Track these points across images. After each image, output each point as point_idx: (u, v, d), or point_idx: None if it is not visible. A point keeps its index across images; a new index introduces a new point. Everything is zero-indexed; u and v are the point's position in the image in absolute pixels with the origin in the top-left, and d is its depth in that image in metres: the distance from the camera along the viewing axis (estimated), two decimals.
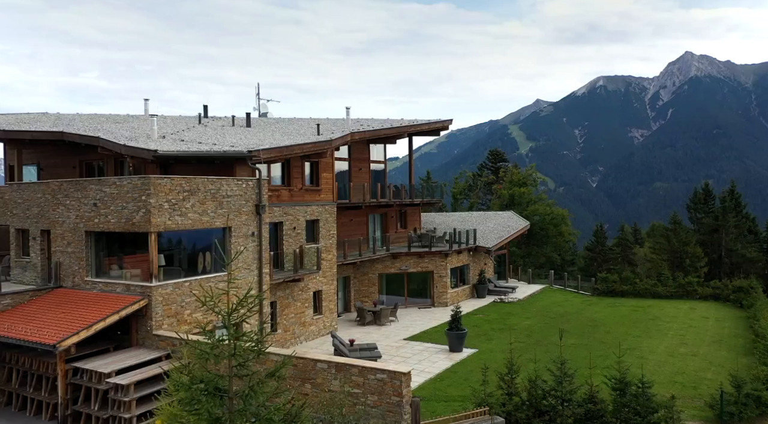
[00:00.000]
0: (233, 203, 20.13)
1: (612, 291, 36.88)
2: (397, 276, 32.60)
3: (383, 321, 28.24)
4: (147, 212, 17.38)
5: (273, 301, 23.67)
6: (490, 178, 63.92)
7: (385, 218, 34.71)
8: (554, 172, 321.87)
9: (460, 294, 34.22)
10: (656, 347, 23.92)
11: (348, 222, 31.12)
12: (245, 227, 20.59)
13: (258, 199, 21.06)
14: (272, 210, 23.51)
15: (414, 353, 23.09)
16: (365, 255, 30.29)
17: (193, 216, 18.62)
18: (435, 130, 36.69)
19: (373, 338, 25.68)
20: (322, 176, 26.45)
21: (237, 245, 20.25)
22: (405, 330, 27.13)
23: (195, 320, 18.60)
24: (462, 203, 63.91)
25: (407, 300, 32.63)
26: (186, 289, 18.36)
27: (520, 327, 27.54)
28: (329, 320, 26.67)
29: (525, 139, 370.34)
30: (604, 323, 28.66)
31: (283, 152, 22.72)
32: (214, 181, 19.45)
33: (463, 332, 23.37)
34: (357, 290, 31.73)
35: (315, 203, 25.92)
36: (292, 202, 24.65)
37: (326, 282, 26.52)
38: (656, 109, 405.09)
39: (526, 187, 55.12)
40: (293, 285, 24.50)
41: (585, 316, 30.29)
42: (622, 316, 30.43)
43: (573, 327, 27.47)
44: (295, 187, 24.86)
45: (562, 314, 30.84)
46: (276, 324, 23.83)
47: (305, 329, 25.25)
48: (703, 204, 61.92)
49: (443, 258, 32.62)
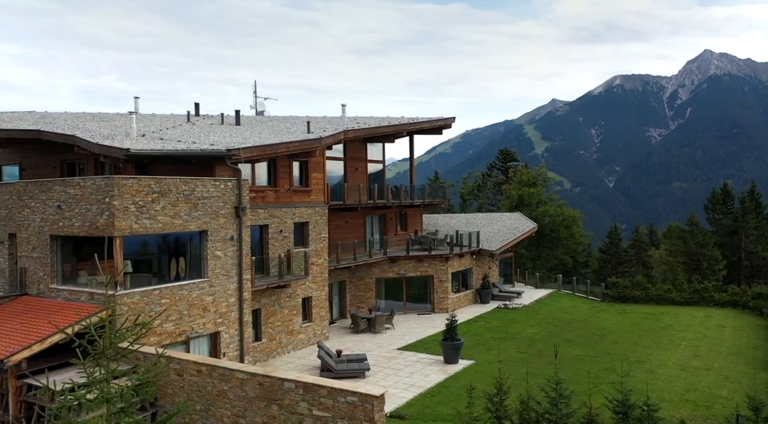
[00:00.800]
0: (210, 205, 18.87)
1: (623, 297, 35.07)
2: (395, 281, 31.19)
3: (378, 329, 26.84)
4: (111, 215, 16.17)
5: (257, 308, 22.39)
6: (500, 179, 62.20)
7: (384, 219, 33.29)
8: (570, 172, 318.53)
9: (462, 300, 32.70)
10: (667, 360, 22.24)
11: (343, 224, 29.76)
12: (223, 231, 19.31)
13: (238, 200, 19.78)
14: (256, 212, 22.24)
15: (406, 365, 21.67)
16: (361, 259, 28.91)
17: (164, 219, 17.37)
18: (437, 129, 35.18)
19: (366, 347, 24.30)
20: (312, 176, 25.12)
21: (214, 249, 19.00)
22: (400, 339, 25.70)
23: (166, 331, 17.37)
24: (471, 204, 62.27)
25: (406, 306, 31.20)
26: (156, 297, 17.13)
27: (522, 336, 25.98)
28: (320, 328, 25.32)
29: (540, 139, 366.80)
30: (613, 331, 26.98)
31: (267, 151, 21.41)
32: (188, 181, 18.20)
33: (458, 342, 21.90)
34: (353, 295, 30.36)
35: (304, 205, 24.60)
36: (278, 203, 23.34)
37: (317, 288, 25.18)
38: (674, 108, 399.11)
39: (536, 187, 53.32)
40: (279, 291, 23.20)
41: (592, 324, 28.63)
42: (632, 324, 28.72)
43: (578, 336, 25.85)
44: (282, 188, 23.55)
45: (569, 321, 29.20)
46: (260, 333, 22.53)
47: (293, 338, 23.94)
48: (722, 205, 59.77)
49: (444, 262, 31.13)
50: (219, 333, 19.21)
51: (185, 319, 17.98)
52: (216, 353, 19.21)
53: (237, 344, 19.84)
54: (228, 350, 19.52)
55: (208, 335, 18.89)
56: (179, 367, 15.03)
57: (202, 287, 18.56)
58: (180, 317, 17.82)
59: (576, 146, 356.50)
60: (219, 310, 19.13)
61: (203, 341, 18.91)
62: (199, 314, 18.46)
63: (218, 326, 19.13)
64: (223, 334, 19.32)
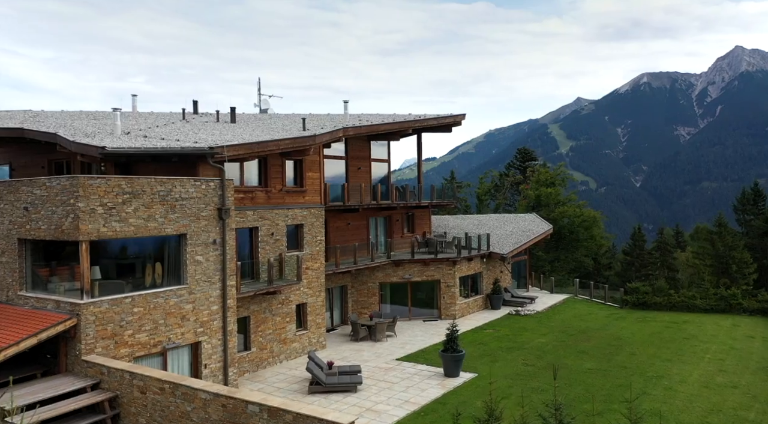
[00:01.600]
0: (189, 207, 17.64)
1: (643, 303, 32.99)
2: (400, 285, 29.73)
3: (379, 337, 25.42)
4: (76, 218, 15.02)
5: (246, 316, 21.15)
6: (518, 178, 60.25)
7: (390, 221, 31.85)
8: (596, 171, 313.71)
9: (471, 305, 31.10)
10: (688, 375, 20.39)
11: (344, 226, 28.41)
12: (205, 234, 18.08)
13: (221, 202, 18.53)
14: (244, 214, 21.00)
15: (403, 378, 20.20)
16: (362, 262, 27.51)
17: (137, 222, 16.18)
18: (446, 126, 33.58)
19: (363, 356, 22.91)
20: (307, 176, 23.80)
21: (194, 254, 17.77)
22: (401, 348, 24.25)
23: (139, 341, 16.19)
24: (488, 205, 60.47)
25: (411, 312, 29.71)
26: (127, 306, 15.94)
27: (531, 346, 24.32)
28: (316, 336, 24.00)
29: (565, 138, 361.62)
30: (630, 342, 25.13)
31: (254, 149, 20.14)
32: (164, 181, 16.99)
33: (459, 354, 20.36)
34: (355, 300, 28.98)
35: (298, 206, 23.29)
36: (269, 205, 22.07)
37: (312, 294, 23.86)
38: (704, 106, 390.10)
39: (555, 187, 51.30)
40: (271, 298, 21.93)
41: (609, 333, 26.78)
42: (651, 334, 26.79)
43: (593, 347, 24.09)
44: (273, 189, 22.28)
45: (583, 330, 27.39)
46: (249, 342, 21.28)
47: (286, 347, 22.64)
48: (753, 205, 57.06)
49: (451, 266, 29.56)
50: (200, 343, 17.98)
51: (161, 329, 16.78)
52: (197, 364, 17.99)
53: (220, 355, 18.59)
54: (210, 361, 18.29)
55: (187, 345, 17.68)
56: (142, 383, 13.84)
57: (180, 294, 17.35)
58: (155, 326, 16.62)
59: (601, 145, 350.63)
60: (200, 318, 17.91)
61: (182, 352, 17.69)
62: (177, 323, 17.24)
63: (199, 336, 17.90)
64: (204, 344, 18.08)
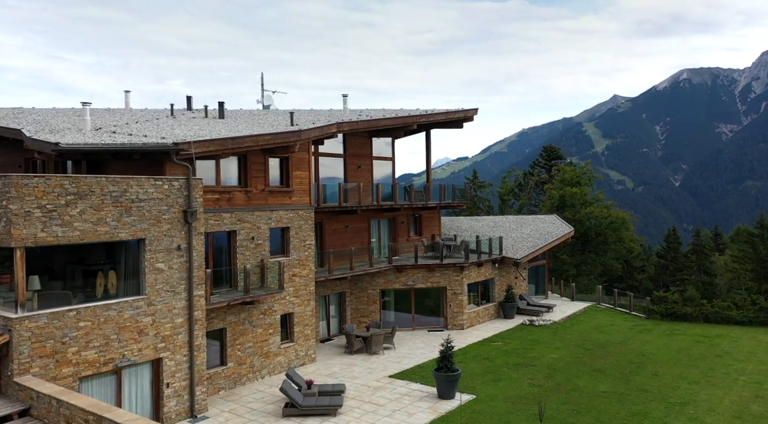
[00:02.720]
0: (148, 209, 15.94)
1: (672, 314, 30.09)
2: (403, 292, 27.65)
3: (375, 349, 23.40)
4: (8, 222, 13.42)
5: (221, 328, 19.37)
6: (543, 177, 57.40)
7: (394, 223, 29.78)
8: (633, 170, 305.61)
9: (481, 314, 28.78)
10: (719, 402, 17.79)
11: (342, 229, 26.47)
12: (167, 239, 16.35)
13: (187, 203, 16.79)
14: (220, 217, 19.24)
15: (392, 399, 18.13)
16: (359, 268, 25.51)
17: (84, 226, 14.52)
18: (456, 122, 31.37)
19: (354, 372, 20.93)
20: (294, 175, 21.93)
21: (155, 261, 16.06)
22: (397, 362, 22.17)
23: (86, 359, 14.52)
24: (511, 205, 57.83)
25: (415, 321, 27.58)
26: (71, 320, 14.29)
27: (542, 362, 21.95)
28: (304, 349, 22.10)
29: (601, 137, 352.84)
30: (654, 359, 22.51)
31: (228, 145, 18.35)
32: (117, 181, 15.31)
33: (454, 373, 18.20)
34: (354, 308, 27.01)
35: (283, 208, 21.43)
36: (250, 206, 20.26)
37: (300, 303, 21.97)
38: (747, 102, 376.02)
39: (580, 186, 48.40)
40: (251, 308, 20.12)
41: (630, 348, 24.17)
42: (679, 350, 24.07)
43: (610, 365, 21.59)
44: (254, 189, 20.46)
45: (602, 344, 24.82)
46: (225, 356, 19.49)
47: (269, 361, 20.80)
48: None
49: (458, 271, 27.33)
50: (161, 360, 16.27)
51: (113, 344, 15.09)
52: (158, 384, 16.28)
53: (186, 373, 16.84)
54: (174, 379, 16.55)
55: (146, 362, 15.97)
56: (68, 413, 12.10)
57: (137, 306, 15.64)
58: (106, 342, 14.94)
59: (639, 144, 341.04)
60: (161, 333, 16.18)
61: (141, 370, 15.98)
62: (134, 338, 15.54)
63: (160, 352, 16.17)
64: (166, 361, 16.35)
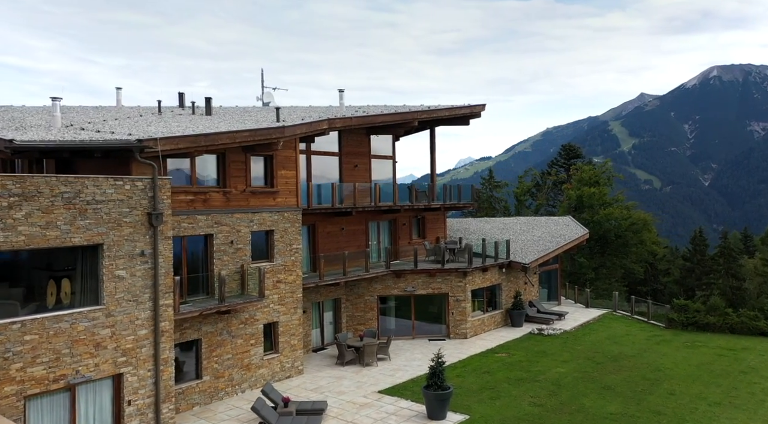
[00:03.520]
0: (107, 212, 14.68)
1: (693, 323, 27.94)
2: (403, 299, 26.09)
3: (368, 360, 21.90)
4: None
5: (196, 339, 18.07)
6: (561, 177, 55.25)
7: (395, 225, 28.24)
8: (660, 170, 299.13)
9: (486, 322, 27.07)
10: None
11: (337, 232, 25.03)
12: (129, 244, 15.08)
13: (152, 205, 15.51)
14: (194, 219, 17.94)
15: (377, 419, 16.63)
16: (354, 273, 24.04)
17: (30, 230, 13.31)
18: (462, 118, 29.69)
19: (342, 386, 19.46)
20: (278, 175, 20.54)
21: (114, 268, 14.80)
22: (390, 375, 20.64)
23: (32, 376, 13.29)
24: (528, 205, 55.81)
25: (415, 330, 26.00)
26: (15, 333, 13.08)
27: (547, 377, 20.20)
28: (290, 360, 20.70)
29: (627, 136, 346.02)
30: (671, 375, 20.60)
31: (200, 142, 17.04)
32: (71, 181, 14.07)
33: (445, 391, 16.62)
34: (350, 315, 25.54)
35: (267, 209, 20.05)
36: (228, 208, 18.93)
37: (285, 311, 20.57)
38: None
39: (599, 186, 46.23)
40: (229, 317, 18.78)
41: (645, 362, 22.25)
42: (699, 364, 22.07)
43: (622, 381, 19.75)
44: (234, 189, 19.12)
45: (615, 356, 22.93)
46: (201, 369, 18.17)
47: (250, 374, 19.43)
48: None
49: (461, 277, 25.67)
50: (122, 376, 15.00)
51: (65, 360, 13.86)
52: (119, 401, 15.01)
53: (150, 389, 15.54)
54: (137, 397, 15.26)
55: (105, 378, 14.71)
56: None
57: (93, 317, 14.39)
58: (57, 357, 13.70)
59: (667, 142, 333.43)
60: (122, 346, 14.91)
61: (99, 386, 14.72)
62: (89, 352, 14.29)
63: (120, 367, 14.90)
64: (128, 376, 15.07)
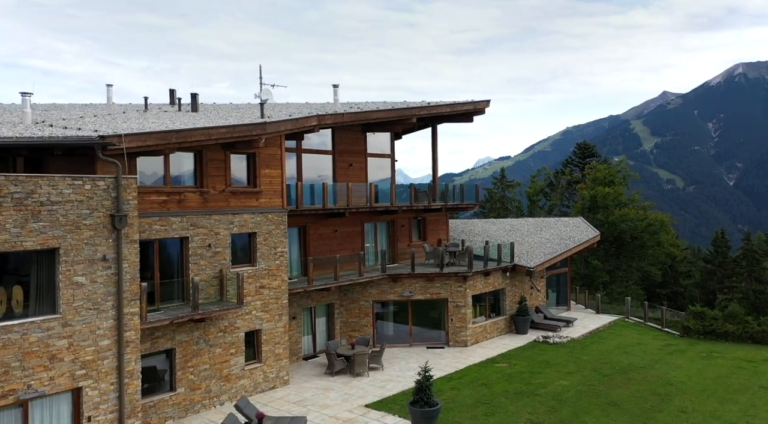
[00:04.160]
0: (63, 214, 13.66)
1: (711, 332, 26.23)
2: (400, 304, 24.83)
3: (358, 370, 20.68)
4: None
5: (170, 348, 17.00)
6: (575, 176, 53.48)
7: (393, 227, 26.97)
8: (683, 169, 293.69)
9: (489, 329, 25.67)
10: None
11: (330, 234, 23.85)
12: (89, 248, 14.04)
13: (115, 206, 14.46)
14: (168, 221, 16.87)
15: None
16: (347, 278, 22.83)
17: None
18: (465, 114, 28.33)
19: (328, 399, 18.25)
20: (262, 174, 19.41)
21: (72, 274, 13.77)
22: (381, 387, 19.39)
23: None
24: (542, 205, 54.17)
25: (412, 337, 24.71)
26: None
27: (548, 391, 18.78)
28: (274, 370, 19.54)
29: (649, 135, 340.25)
30: (683, 389, 19.03)
31: (171, 139, 15.95)
32: (21, 180, 13.07)
33: (433, 408, 15.35)
34: (344, 321, 24.33)
35: (249, 211, 18.93)
36: (206, 209, 17.83)
37: (269, 318, 19.43)
38: None
39: (614, 186, 44.44)
40: (206, 325, 17.68)
41: (656, 374, 20.68)
42: (715, 378, 20.44)
43: (629, 396, 18.24)
44: (212, 189, 18.03)
45: (624, 368, 21.38)
46: (175, 381, 17.10)
47: (230, 385, 18.31)
48: None
49: (461, 281, 24.33)
50: (81, 390, 13.96)
51: (15, 373, 12.84)
52: (78, 417, 13.98)
53: (114, 403, 14.48)
54: (98, 412, 14.21)
55: (62, 393, 13.68)
56: None
57: (48, 326, 13.37)
58: (5, 371, 12.69)
59: (690, 141, 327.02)
60: (80, 358, 13.87)
61: (57, 401, 13.69)
62: (43, 365, 13.26)
63: (79, 381, 13.86)
64: (88, 391, 14.02)
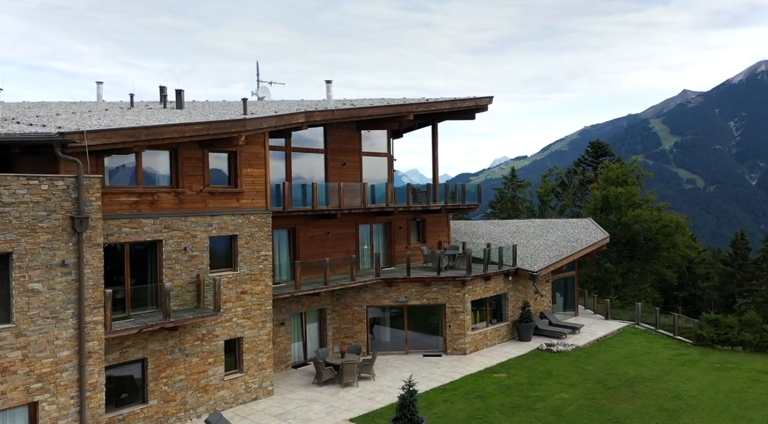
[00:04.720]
0: (17, 216, 12.79)
1: (725, 341, 24.71)
2: (394, 311, 23.72)
3: (347, 380, 19.61)
4: None
5: (141, 358, 16.07)
6: (588, 176, 51.88)
7: (390, 229, 25.86)
8: (704, 169, 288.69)
9: (489, 336, 24.45)
10: None
11: (322, 236, 22.81)
12: (47, 253, 13.16)
13: (77, 208, 13.56)
14: (139, 223, 15.94)
15: None
16: (337, 282, 21.77)
17: None
18: (466, 112, 27.16)
19: (311, 412, 17.22)
20: (243, 173, 18.42)
21: (27, 281, 12.89)
22: (370, 399, 18.30)
23: None
24: (554, 206, 52.67)
25: (408, 344, 23.58)
26: None
27: (547, 405, 17.54)
28: (257, 380, 18.54)
29: (669, 134, 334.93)
30: (693, 405, 17.66)
31: (140, 136, 15.02)
32: None
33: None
34: (336, 328, 23.27)
35: (229, 212, 17.95)
36: (181, 211, 16.88)
37: (251, 325, 18.43)
38: None
39: (627, 186, 42.85)
40: (182, 333, 16.72)
41: (665, 387, 19.31)
42: (729, 392, 19.01)
43: (634, 412, 16.93)
44: (188, 190, 17.07)
45: (630, 380, 20.03)
46: (146, 393, 16.16)
47: (208, 396, 17.34)
48: None
49: (459, 286, 23.15)
50: (37, 404, 13.07)
51: None
52: None
53: (74, 418, 13.59)
54: None
55: (15, 408, 12.78)
56: None
57: None
58: None
59: (711, 140, 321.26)
60: (36, 370, 12.98)
61: (11, 417, 12.82)
62: None
63: (34, 395, 12.97)
64: (45, 405, 13.13)
